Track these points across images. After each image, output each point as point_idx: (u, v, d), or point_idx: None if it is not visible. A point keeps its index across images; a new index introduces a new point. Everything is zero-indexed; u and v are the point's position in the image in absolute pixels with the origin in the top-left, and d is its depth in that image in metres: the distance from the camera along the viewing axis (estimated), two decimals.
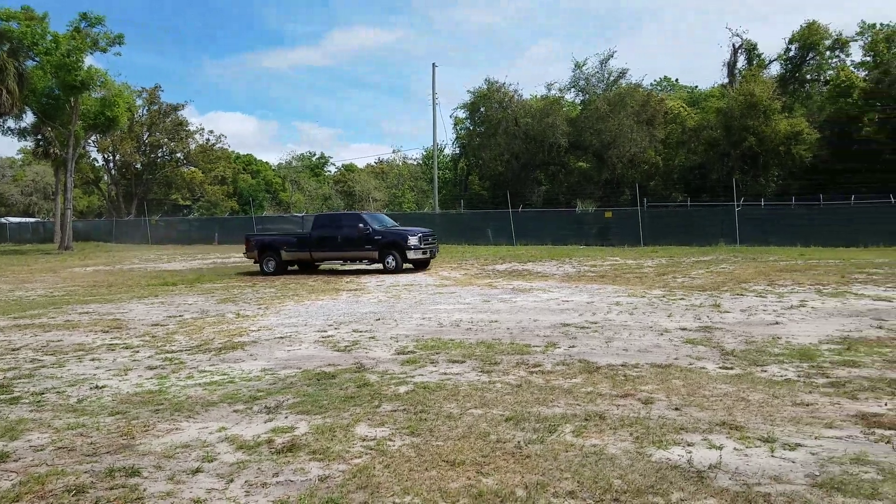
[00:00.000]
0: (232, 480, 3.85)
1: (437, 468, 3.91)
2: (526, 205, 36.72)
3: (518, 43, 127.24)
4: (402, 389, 5.76)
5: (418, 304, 11.74)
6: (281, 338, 8.60)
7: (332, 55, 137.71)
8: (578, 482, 3.68)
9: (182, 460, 4.18)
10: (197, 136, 59.65)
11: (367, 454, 4.18)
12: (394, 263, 18.82)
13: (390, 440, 4.43)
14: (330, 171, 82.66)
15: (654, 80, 58.34)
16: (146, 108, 55.95)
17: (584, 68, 42.33)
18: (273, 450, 4.32)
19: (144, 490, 3.73)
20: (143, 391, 5.96)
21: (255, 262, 20.11)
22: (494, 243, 31.60)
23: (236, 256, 28.19)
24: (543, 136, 40.35)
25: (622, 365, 6.61)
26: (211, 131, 64.77)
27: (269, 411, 5.21)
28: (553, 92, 44.04)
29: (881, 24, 41.36)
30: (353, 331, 9.01)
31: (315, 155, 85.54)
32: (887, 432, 4.46)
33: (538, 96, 45.40)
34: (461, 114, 46.32)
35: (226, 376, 6.49)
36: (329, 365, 6.85)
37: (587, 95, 42.63)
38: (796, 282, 13.88)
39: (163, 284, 16.18)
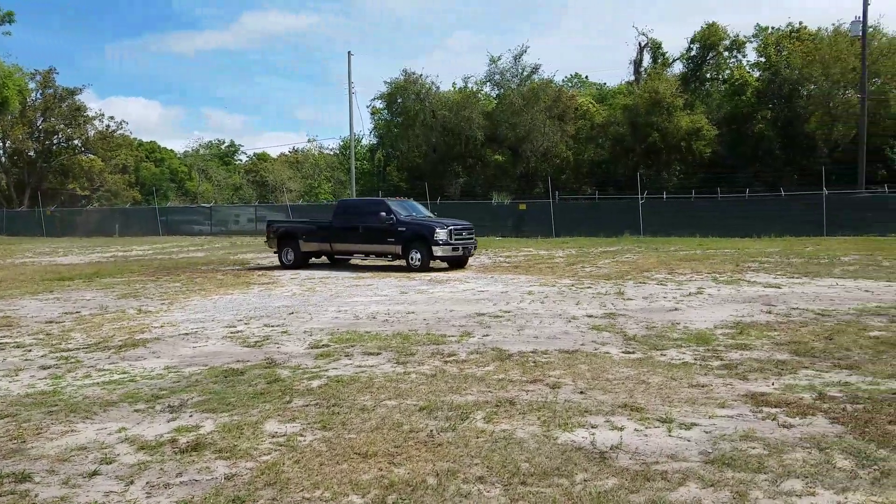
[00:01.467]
0: (132, 482, 3.69)
1: (349, 461, 3.89)
2: (444, 197, 36.95)
3: (435, 34, 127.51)
4: (315, 384, 5.68)
5: (334, 297, 11.60)
6: (186, 334, 8.28)
7: (244, 39, 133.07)
8: (488, 467, 3.76)
9: (78, 463, 3.96)
10: (96, 122, 56.30)
11: (276, 451, 4.10)
12: (418, 260, 16.12)
13: (301, 435, 4.37)
14: (241, 161, 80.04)
15: (566, 77, 59.99)
16: (40, 91, 52.24)
17: (499, 63, 42.96)
18: (177, 449, 4.17)
19: (36, 496, 3.51)
20: (36, 392, 5.60)
21: (274, 252, 18.29)
22: None
23: (139, 249, 26.85)
24: (461, 128, 40.73)
25: (532, 352, 6.79)
26: (111, 117, 60.86)
27: (172, 410, 5.02)
28: (470, 85, 44.52)
29: (772, 28, 44.20)
30: (265, 325, 8.80)
31: (224, 143, 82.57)
32: (773, 410, 4.80)
33: (455, 89, 45.72)
34: (379, 104, 46.01)
35: (126, 375, 6.19)
36: (237, 361, 6.66)
37: (502, 90, 43.31)
38: (695, 270, 14.69)
39: (58, 279, 15.20)
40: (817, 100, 38.13)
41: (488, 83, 44.40)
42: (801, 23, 42.50)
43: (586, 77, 62.47)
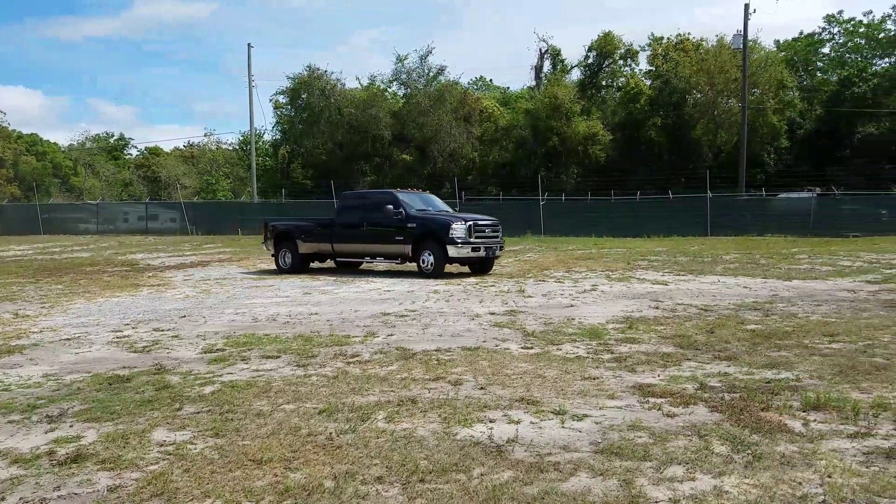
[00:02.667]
0: (3, 499, 3.40)
1: (243, 468, 3.76)
2: None
3: (340, 29, 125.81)
4: (208, 390, 5.46)
5: (231, 299, 11.20)
6: (68, 339, 7.74)
7: (137, 27, 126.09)
8: (387, 467, 3.75)
9: None
10: None
11: (164, 460, 3.90)
12: (431, 264, 13.74)
13: (191, 443, 4.18)
14: (131, 155, 75.77)
15: (471, 80, 60.98)
16: None
17: (405, 62, 43.01)
18: (55, 462, 3.88)
19: None
20: None
21: (272, 255, 16.18)
22: None
23: (17, 249, 24.85)
24: (367, 127, 40.45)
25: (436, 350, 6.85)
26: None
27: (50, 420, 4.67)
28: (377, 83, 44.26)
29: (665, 39, 46.76)
30: (154, 330, 8.36)
31: (113, 136, 77.91)
32: (659, 400, 5.07)
33: (362, 86, 45.33)
34: (282, 99, 44.86)
35: None
36: (124, 367, 6.29)
37: (409, 89, 43.39)
38: (590, 268, 15.32)
39: None
40: (703, 108, 40.75)
41: (395, 82, 44.41)
42: (688, 33, 45.27)
43: (490, 80, 63.79)
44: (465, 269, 14.75)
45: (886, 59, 45.99)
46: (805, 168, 39.30)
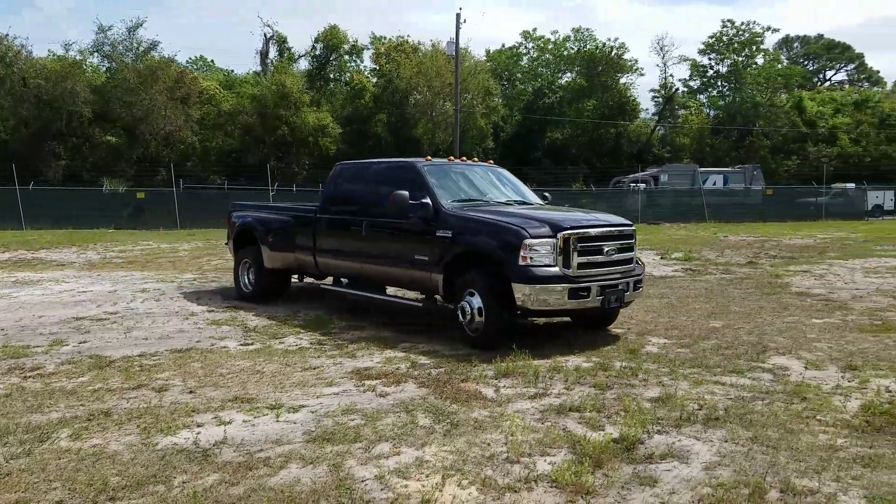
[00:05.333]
0: None
1: None
2: (40, 181, 31.45)
3: None
4: None
5: None
6: None
7: None
8: (70, 489, 3.31)
9: None
10: None
11: None
12: (479, 321, 6.40)
13: None
14: None
15: (190, 58, 56.73)
16: None
17: (109, 33, 38.26)
18: None
19: None
20: None
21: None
22: None
23: None
24: (61, 102, 35.10)
25: (140, 355, 6.23)
26: None
27: None
28: (72, 53, 38.66)
29: (387, 39, 48.70)
30: None
31: None
32: (374, 382, 5.29)
33: (55, 56, 39.25)
34: None
35: None
36: None
37: (114, 63, 38.72)
38: None
39: None
40: (423, 108, 43.38)
41: (96, 54, 39.26)
42: (408, 36, 47.81)
43: (213, 61, 60.08)
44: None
45: (569, 74, 53.89)
46: (508, 167, 44.38)
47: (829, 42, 68.20)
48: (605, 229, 6.67)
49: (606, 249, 6.51)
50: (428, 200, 6.98)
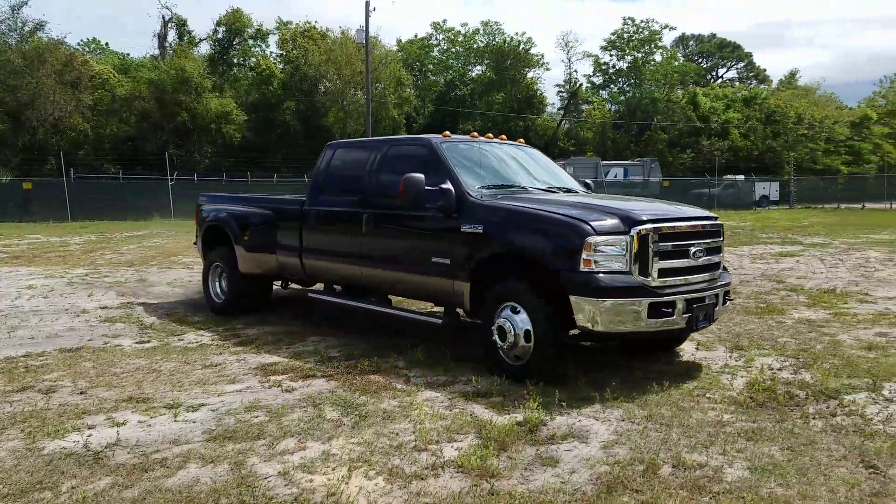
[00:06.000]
0: None
1: None
2: None
3: None
4: None
5: None
6: None
7: None
8: None
9: None
10: None
11: None
12: (519, 344, 4.90)
13: None
14: None
15: (82, 41, 53.17)
16: None
17: None
18: None
19: None
20: None
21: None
22: None
23: None
24: None
25: (25, 355, 5.81)
26: None
27: None
28: None
29: (293, 24, 47.42)
30: None
31: None
32: (280, 377, 5.16)
33: None
34: None
35: None
36: None
37: None
38: None
39: None
40: (332, 96, 42.67)
41: None
42: (315, 22, 46.77)
43: (107, 44, 56.60)
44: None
45: (479, 67, 54.52)
46: None
47: (721, 41, 72.36)
48: (691, 223, 5.12)
49: (693, 251, 4.96)
50: (449, 186, 5.39)
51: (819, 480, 3.28)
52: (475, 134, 6.74)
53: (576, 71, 58.94)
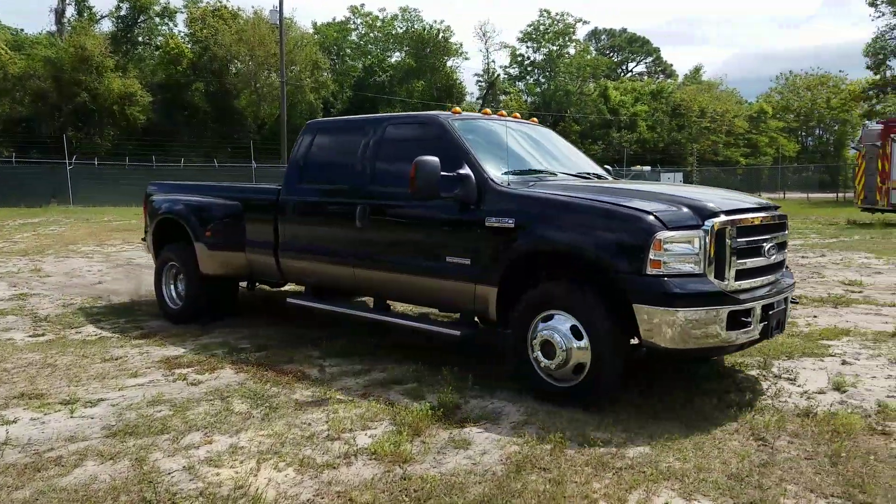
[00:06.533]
0: None
1: None
2: None
3: None
4: None
5: None
6: None
7: None
8: None
9: None
10: None
11: None
12: (575, 351, 4.05)
13: None
14: None
15: None
16: None
17: None
18: None
19: None
20: None
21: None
22: None
23: None
24: None
25: None
26: None
27: None
28: None
29: (203, 2, 45.33)
30: None
31: None
32: (185, 370, 4.97)
33: None
34: None
35: None
36: None
37: None
38: (126, 241, 14.12)
39: None
40: (245, 79, 41.25)
41: None
42: (227, 1, 44.88)
43: None
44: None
45: (398, 54, 54.13)
46: None
47: (631, 36, 75.01)
48: (763, 214, 4.41)
49: (767, 247, 4.29)
50: (468, 171, 4.59)
51: (714, 453, 3.48)
52: (488, 111, 5.89)
53: (493, 61, 59.80)
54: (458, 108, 5.51)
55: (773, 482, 3.13)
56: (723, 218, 3.98)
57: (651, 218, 3.88)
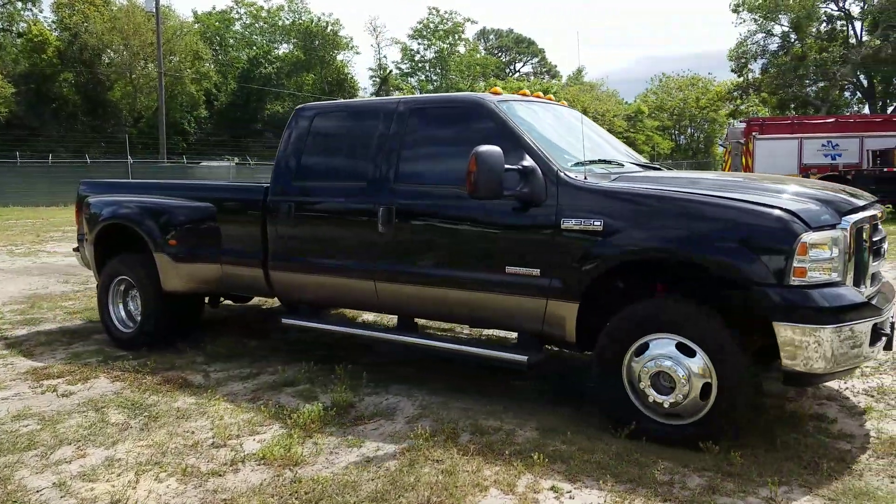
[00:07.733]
0: None
1: None
2: None
3: None
4: None
5: None
6: None
7: None
8: None
9: None
10: None
11: None
12: (697, 386, 3.35)
13: None
14: None
15: None
16: None
17: None
18: None
19: None
20: None
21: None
22: None
23: None
24: None
25: None
26: None
27: None
28: None
29: None
30: None
31: None
32: (55, 381, 4.61)
33: None
34: None
35: None
36: None
37: None
38: None
39: None
40: (119, 69, 38.71)
41: None
42: None
43: None
44: None
45: (286, 45, 52.62)
46: (224, 138, 41.88)
47: (517, 36, 77.06)
48: (875, 210, 3.78)
49: (884, 248, 3.83)
50: (531, 163, 3.80)
51: (598, 436, 3.65)
52: (525, 91, 5.13)
53: (385, 57, 59.50)
54: (497, 88, 4.66)
55: (651, 460, 3.32)
56: (860, 215, 3.45)
57: (791, 217, 3.23)
